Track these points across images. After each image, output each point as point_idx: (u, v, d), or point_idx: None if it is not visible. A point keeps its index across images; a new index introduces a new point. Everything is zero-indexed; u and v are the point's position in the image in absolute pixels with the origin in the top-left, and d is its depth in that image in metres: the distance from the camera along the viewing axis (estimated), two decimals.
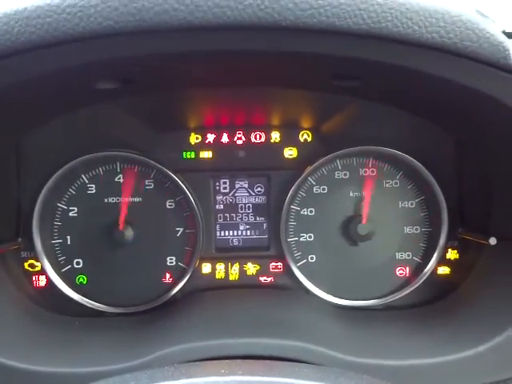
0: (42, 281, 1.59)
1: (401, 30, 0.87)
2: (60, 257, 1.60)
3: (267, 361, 1.10)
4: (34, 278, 1.59)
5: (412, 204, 1.62)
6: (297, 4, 0.84)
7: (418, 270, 1.61)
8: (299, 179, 1.58)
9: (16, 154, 1.50)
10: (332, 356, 1.22)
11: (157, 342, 1.28)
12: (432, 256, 1.59)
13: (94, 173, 1.59)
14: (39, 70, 0.90)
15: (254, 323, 1.37)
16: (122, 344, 1.37)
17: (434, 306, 1.56)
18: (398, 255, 1.62)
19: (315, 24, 0.85)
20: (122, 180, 1.59)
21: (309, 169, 1.58)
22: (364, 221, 1.57)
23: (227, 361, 1.06)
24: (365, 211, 1.59)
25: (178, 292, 1.61)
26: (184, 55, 0.93)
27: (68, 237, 1.60)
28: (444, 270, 1.61)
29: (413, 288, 1.60)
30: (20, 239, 1.54)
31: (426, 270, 1.59)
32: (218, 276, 1.65)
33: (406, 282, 1.62)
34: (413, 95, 1.25)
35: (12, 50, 0.86)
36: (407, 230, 1.62)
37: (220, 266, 1.65)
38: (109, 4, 0.83)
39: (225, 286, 1.64)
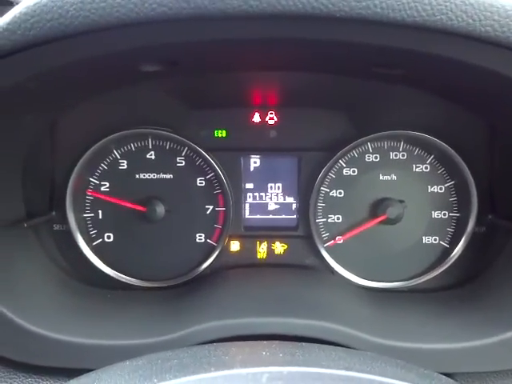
0: (74, 253, 1.61)
1: (455, 24, 0.86)
2: (91, 230, 1.62)
3: None
4: (66, 251, 1.61)
5: (441, 189, 1.61)
6: None
7: (444, 254, 1.62)
8: (330, 161, 1.58)
9: (51, 130, 1.52)
10: (358, 337, 1.25)
11: (186, 318, 1.30)
12: (459, 241, 1.59)
13: (125, 149, 1.60)
14: (90, 53, 0.91)
15: (280, 302, 1.39)
16: (151, 318, 1.39)
17: (459, 290, 1.58)
18: (425, 239, 1.63)
19: (369, 15, 0.85)
20: (153, 157, 1.61)
21: (340, 151, 1.58)
22: (393, 204, 1.58)
23: None
24: (394, 195, 1.60)
25: (206, 268, 1.63)
26: (234, 41, 0.93)
27: (100, 211, 1.62)
28: (471, 256, 1.60)
29: (438, 272, 1.61)
30: (54, 212, 1.56)
31: (452, 254, 1.59)
32: (246, 254, 1.66)
33: (432, 265, 1.63)
34: (450, 83, 1.25)
35: (65, 34, 0.87)
36: (435, 214, 1.62)
37: (248, 245, 1.66)
38: None
39: (252, 264, 1.66)
